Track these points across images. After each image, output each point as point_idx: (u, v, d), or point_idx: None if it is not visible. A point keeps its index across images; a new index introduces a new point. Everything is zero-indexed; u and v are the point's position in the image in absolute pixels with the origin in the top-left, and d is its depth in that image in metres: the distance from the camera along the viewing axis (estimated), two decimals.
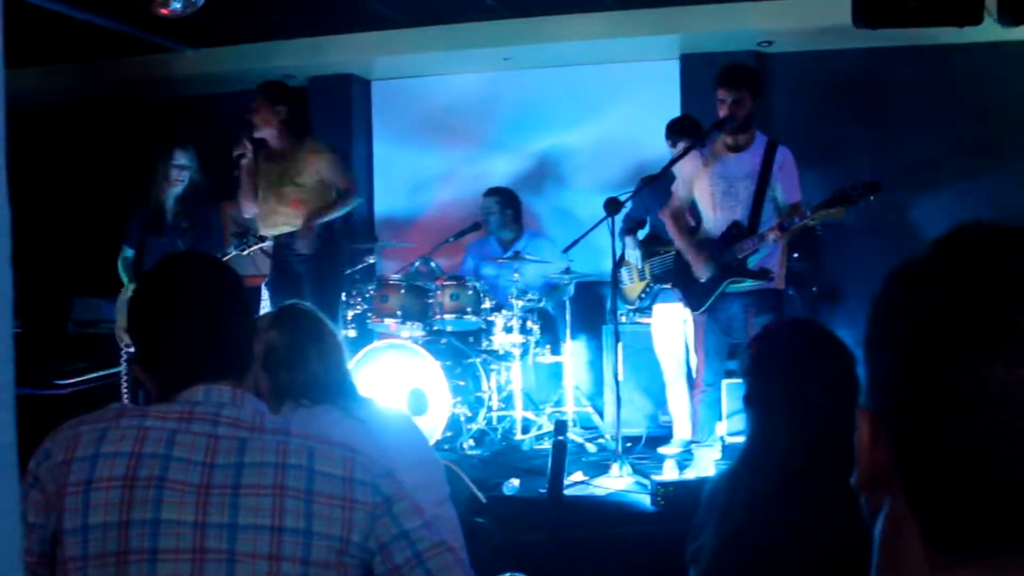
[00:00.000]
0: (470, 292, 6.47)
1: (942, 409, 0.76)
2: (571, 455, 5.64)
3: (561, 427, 4.94)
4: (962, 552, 0.77)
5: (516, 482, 5.21)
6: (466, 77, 8.10)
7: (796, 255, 6.49)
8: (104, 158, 8.61)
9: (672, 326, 6.19)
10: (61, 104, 8.69)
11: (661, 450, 6.08)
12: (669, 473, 5.46)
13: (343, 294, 6.38)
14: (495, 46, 7.48)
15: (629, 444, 5.99)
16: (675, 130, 6.11)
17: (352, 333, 6.52)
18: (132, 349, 4.32)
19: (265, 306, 6.39)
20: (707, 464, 5.34)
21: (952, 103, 7.01)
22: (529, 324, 6.57)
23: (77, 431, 1.69)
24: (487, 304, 6.55)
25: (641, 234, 6.44)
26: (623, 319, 6.45)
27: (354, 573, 1.69)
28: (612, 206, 5.30)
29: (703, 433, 5.37)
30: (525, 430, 6.52)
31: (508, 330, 6.51)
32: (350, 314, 6.54)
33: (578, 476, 5.38)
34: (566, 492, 4.94)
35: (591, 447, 6.32)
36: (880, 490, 0.84)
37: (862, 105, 7.23)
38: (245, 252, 6.25)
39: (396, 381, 6.09)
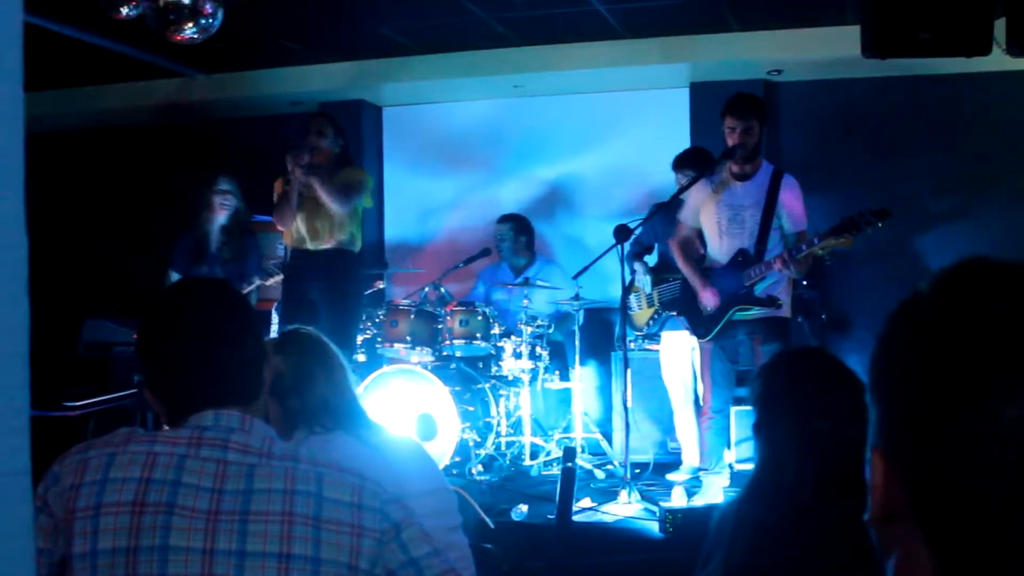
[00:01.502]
0: (479, 318, 6.48)
1: (954, 448, 0.76)
2: (580, 481, 5.63)
3: (570, 453, 4.93)
4: None
5: (525, 508, 5.20)
6: (477, 104, 8.14)
7: (805, 283, 6.48)
8: (114, 182, 8.67)
9: (680, 354, 6.18)
10: (72, 129, 8.74)
11: (670, 477, 6.06)
12: (678, 500, 5.45)
13: (359, 322, 6.41)
14: (505, 73, 7.52)
15: (638, 471, 5.98)
16: (681, 163, 6.12)
17: (362, 358, 6.53)
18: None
19: (276, 331, 6.42)
20: (716, 491, 5.33)
21: (961, 133, 7.03)
22: (538, 350, 6.57)
23: (85, 456, 1.70)
24: (496, 330, 6.56)
25: (649, 260, 6.44)
26: (632, 346, 6.44)
27: None
28: (622, 233, 5.32)
29: (711, 460, 5.35)
30: (534, 456, 6.51)
31: (517, 356, 6.51)
32: (360, 339, 6.55)
33: (586, 502, 5.37)
34: (575, 518, 4.93)
35: (600, 473, 6.30)
36: (894, 525, 0.83)
37: (871, 134, 7.25)
38: (269, 283, 6.35)
39: (405, 406, 6.08)
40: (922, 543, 0.80)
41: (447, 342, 6.46)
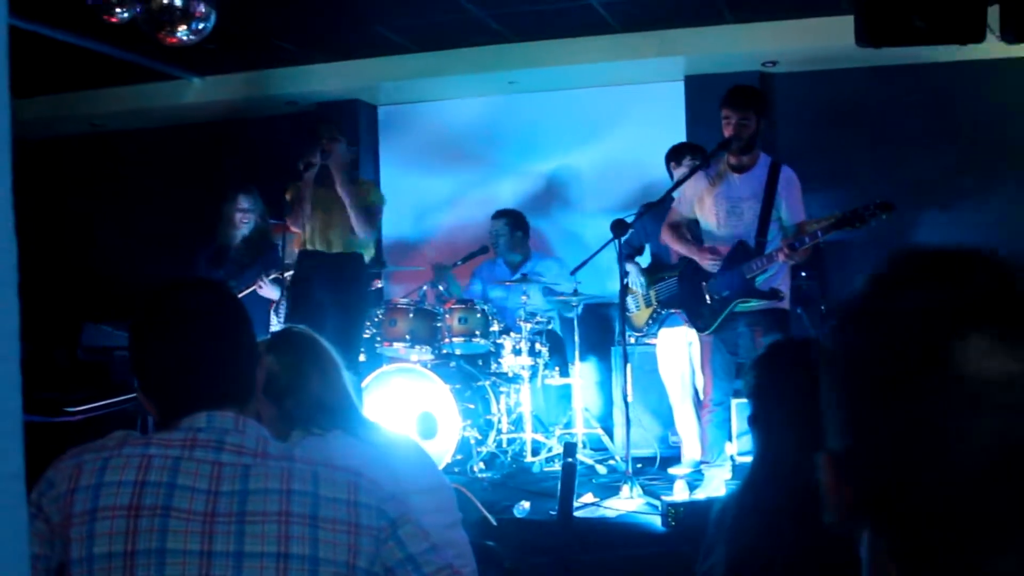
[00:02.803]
0: (478, 315, 6.48)
1: (892, 447, 0.76)
2: (581, 477, 5.63)
3: (571, 449, 4.93)
4: None
5: (526, 504, 5.20)
6: (472, 101, 8.14)
7: (803, 274, 6.48)
8: (110, 187, 8.66)
9: (676, 348, 6.18)
10: (68, 134, 8.75)
11: (671, 471, 6.06)
12: (679, 494, 5.44)
13: (365, 326, 6.39)
14: (500, 70, 7.52)
15: (639, 465, 5.98)
16: (676, 152, 6.12)
17: (361, 357, 6.53)
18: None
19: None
20: (717, 484, 5.32)
21: (956, 121, 7.02)
22: (538, 346, 6.57)
23: (79, 460, 1.69)
24: (496, 327, 6.56)
25: (642, 261, 6.44)
26: (631, 340, 6.44)
27: None
28: (619, 227, 5.32)
29: (712, 453, 5.35)
30: (535, 452, 6.51)
31: (517, 352, 6.51)
32: None
33: (588, 498, 5.36)
34: (576, 514, 4.93)
35: (601, 469, 6.30)
36: (855, 526, 0.83)
37: (866, 124, 7.24)
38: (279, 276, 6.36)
39: (406, 405, 6.09)
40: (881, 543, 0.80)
41: (446, 340, 6.46)
